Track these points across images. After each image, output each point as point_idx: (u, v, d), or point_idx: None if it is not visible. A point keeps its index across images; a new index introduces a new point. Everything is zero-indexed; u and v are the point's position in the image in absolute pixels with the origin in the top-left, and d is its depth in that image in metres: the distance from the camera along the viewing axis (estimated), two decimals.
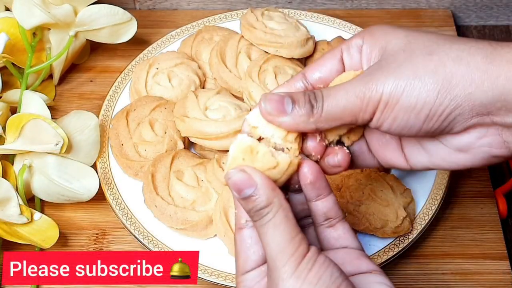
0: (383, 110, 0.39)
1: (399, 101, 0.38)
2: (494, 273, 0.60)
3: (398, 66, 0.39)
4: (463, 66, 0.38)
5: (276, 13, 0.73)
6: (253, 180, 0.37)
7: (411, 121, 0.39)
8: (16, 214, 0.57)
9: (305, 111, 0.39)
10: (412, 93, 0.38)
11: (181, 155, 0.63)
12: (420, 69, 0.38)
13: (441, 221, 0.64)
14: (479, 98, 0.37)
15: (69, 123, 0.62)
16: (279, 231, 0.37)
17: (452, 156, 0.41)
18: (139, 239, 0.59)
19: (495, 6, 0.83)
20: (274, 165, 0.38)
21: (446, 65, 0.38)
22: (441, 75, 0.38)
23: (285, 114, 0.39)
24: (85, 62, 0.77)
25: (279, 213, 0.37)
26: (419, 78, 0.38)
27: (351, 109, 0.39)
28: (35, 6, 0.65)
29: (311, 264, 0.36)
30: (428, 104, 0.38)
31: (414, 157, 0.43)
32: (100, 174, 0.63)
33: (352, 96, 0.39)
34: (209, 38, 0.73)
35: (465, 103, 0.38)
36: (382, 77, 0.39)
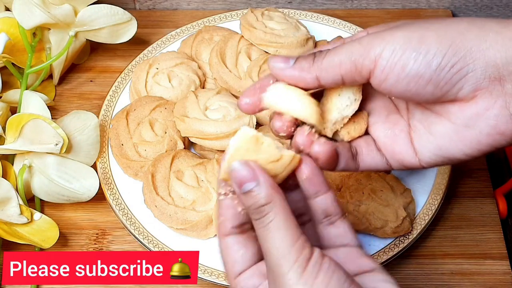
0: (390, 57, 0.37)
1: (408, 48, 0.37)
2: (494, 273, 0.60)
3: (408, 24, 0.38)
4: (477, 27, 0.37)
5: (276, 13, 0.73)
6: (256, 175, 0.37)
7: (421, 69, 0.37)
8: (16, 214, 0.57)
9: (307, 60, 0.39)
10: (424, 41, 0.36)
11: (181, 155, 0.63)
12: (433, 24, 0.37)
13: (441, 221, 0.64)
14: (493, 55, 0.36)
15: (69, 123, 0.62)
16: (281, 234, 0.36)
17: (459, 134, 0.39)
18: (139, 239, 0.59)
19: (495, 6, 0.83)
20: (278, 157, 0.38)
21: (460, 24, 0.37)
22: (454, 28, 0.37)
23: (288, 66, 0.40)
24: (85, 62, 0.77)
25: (280, 214, 0.36)
26: (431, 30, 0.37)
27: (351, 55, 0.38)
28: (35, 6, 0.65)
29: (317, 269, 0.35)
30: (441, 52, 0.36)
31: (423, 145, 0.42)
32: (100, 174, 0.63)
33: (356, 44, 0.38)
34: (209, 38, 0.73)
35: (479, 58, 0.36)
36: (391, 31, 0.38)
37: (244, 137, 0.37)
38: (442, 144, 0.41)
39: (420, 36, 0.37)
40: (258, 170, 0.37)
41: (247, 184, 0.37)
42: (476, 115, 0.38)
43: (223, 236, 0.40)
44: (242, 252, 0.39)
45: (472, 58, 0.36)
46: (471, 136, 0.39)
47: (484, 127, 0.38)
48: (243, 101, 0.42)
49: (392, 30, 0.38)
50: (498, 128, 0.38)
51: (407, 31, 0.37)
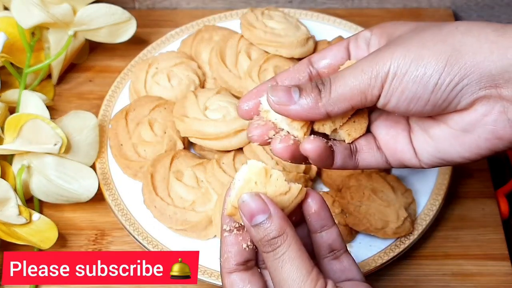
0: (391, 82, 0.38)
1: (407, 71, 0.37)
2: (495, 274, 0.60)
3: (406, 40, 0.39)
4: (473, 37, 0.37)
5: (276, 12, 0.73)
6: (267, 207, 0.37)
7: (419, 91, 0.38)
8: (15, 214, 0.57)
9: (313, 96, 0.39)
10: (421, 62, 0.37)
11: (181, 156, 0.63)
12: (429, 40, 0.38)
13: (442, 222, 0.63)
14: (487, 67, 0.37)
15: (68, 123, 0.62)
16: (295, 265, 0.36)
17: (458, 139, 0.40)
18: (139, 240, 0.59)
19: (496, 5, 0.83)
20: (286, 190, 0.38)
21: (456, 36, 0.37)
22: (450, 44, 0.37)
23: (293, 103, 0.39)
24: (84, 61, 0.77)
25: (293, 245, 0.36)
26: (428, 48, 0.37)
27: (359, 87, 0.38)
28: (33, 5, 0.64)
29: None
30: (437, 73, 0.37)
31: (422, 147, 0.42)
32: (99, 175, 0.63)
33: (359, 73, 0.38)
34: (209, 37, 0.73)
35: (474, 72, 0.37)
36: (389, 50, 0.38)
37: (253, 169, 0.37)
38: (441, 148, 0.41)
39: (417, 56, 0.38)
40: (269, 202, 0.37)
41: (258, 216, 0.37)
42: (474, 121, 0.39)
43: (227, 274, 0.40)
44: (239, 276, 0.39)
45: (467, 73, 0.37)
46: (470, 140, 0.39)
47: (482, 132, 0.39)
48: (243, 106, 0.42)
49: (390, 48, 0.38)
50: (496, 133, 0.38)
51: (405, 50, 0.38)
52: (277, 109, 0.39)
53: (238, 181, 0.38)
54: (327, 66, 0.43)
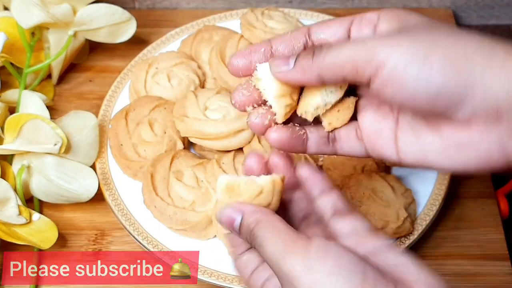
0: (391, 72, 0.36)
1: (411, 67, 0.36)
2: (495, 274, 0.60)
3: (417, 33, 0.37)
4: (484, 54, 0.36)
5: (276, 12, 0.73)
6: (239, 210, 0.39)
7: (419, 90, 0.36)
8: (15, 214, 0.57)
9: (307, 59, 0.38)
10: (428, 61, 0.35)
11: (181, 155, 0.63)
12: (441, 40, 0.36)
13: (442, 222, 0.63)
14: (494, 88, 0.35)
15: (68, 123, 0.62)
16: (272, 241, 0.36)
17: (447, 153, 0.39)
18: (139, 240, 0.59)
19: (496, 5, 0.83)
20: (259, 190, 0.39)
21: (467, 45, 0.36)
22: (461, 51, 0.36)
23: (289, 67, 0.39)
24: (84, 61, 0.77)
25: (268, 227, 0.37)
26: (438, 48, 0.36)
27: (353, 58, 0.37)
28: (33, 5, 0.64)
29: (323, 254, 0.35)
30: (441, 76, 0.35)
31: (407, 147, 0.41)
32: (99, 175, 0.63)
33: (359, 45, 0.37)
34: (209, 37, 0.73)
35: (479, 89, 0.35)
36: (397, 37, 0.36)
37: (221, 187, 0.39)
38: (427, 155, 0.40)
39: (426, 53, 0.36)
40: (239, 204, 0.39)
41: (235, 221, 0.39)
42: (467, 142, 0.38)
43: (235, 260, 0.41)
44: (247, 255, 0.40)
45: (472, 88, 0.35)
46: (459, 157, 0.38)
47: (473, 156, 0.38)
48: (235, 61, 0.42)
49: (399, 37, 0.37)
50: (488, 159, 0.37)
51: (414, 42, 0.36)
52: (278, 77, 0.40)
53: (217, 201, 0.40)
54: (323, 40, 0.42)
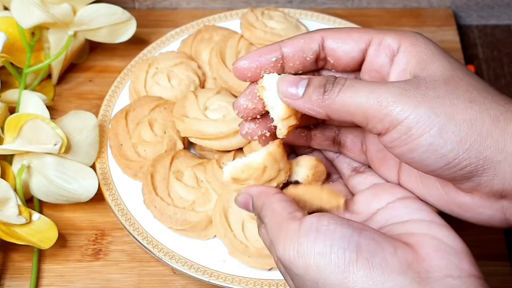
0: (403, 135, 0.35)
1: (425, 135, 0.34)
2: (495, 274, 0.60)
3: (436, 97, 0.35)
4: (499, 131, 0.35)
5: (276, 12, 0.73)
6: (248, 194, 0.41)
7: (429, 161, 0.35)
8: (15, 214, 0.57)
9: (318, 92, 0.37)
10: (444, 134, 0.34)
11: (181, 156, 0.63)
12: (459, 113, 0.35)
13: None
14: (504, 170, 0.35)
15: (68, 123, 0.62)
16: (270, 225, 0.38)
17: (450, 207, 0.39)
18: (139, 240, 0.59)
19: (496, 5, 0.83)
20: (262, 167, 0.40)
21: (485, 121, 0.35)
22: (477, 129, 0.35)
23: (297, 97, 0.38)
24: (84, 61, 0.77)
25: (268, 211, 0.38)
26: (455, 122, 0.34)
27: (365, 110, 0.35)
28: (33, 5, 0.64)
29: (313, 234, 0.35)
30: (455, 153, 0.34)
31: (408, 183, 0.41)
32: (99, 175, 0.63)
33: (374, 98, 0.35)
34: (209, 37, 0.73)
35: (490, 170, 0.35)
36: (416, 99, 0.35)
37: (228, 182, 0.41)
38: (428, 198, 0.40)
39: (442, 127, 0.34)
40: (247, 189, 0.41)
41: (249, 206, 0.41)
42: (469, 206, 0.38)
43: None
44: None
45: (484, 168, 0.35)
46: (461, 215, 0.39)
47: (476, 218, 0.38)
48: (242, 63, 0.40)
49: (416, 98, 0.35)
50: (489, 223, 0.38)
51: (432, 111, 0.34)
52: (285, 100, 0.38)
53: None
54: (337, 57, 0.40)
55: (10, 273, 0.60)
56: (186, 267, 0.57)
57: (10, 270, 0.61)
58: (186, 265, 0.57)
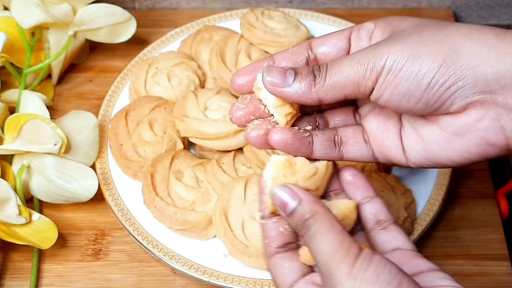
0: (386, 76, 0.38)
1: (403, 67, 0.37)
2: (495, 274, 0.60)
3: (406, 36, 0.38)
4: (472, 40, 0.37)
5: (276, 12, 0.73)
6: (296, 194, 0.39)
7: (412, 88, 0.38)
8: (15, 214, 0.57)
9: (307, 81, 0.39)
10: (417, 59, 0.37)
11: (181, 156, 0.63)
12: (429, 38, 0.38)
13: (442, 222, 0.63)
14: (484, 72, 0.36)
15: (68, 123, 0.62)
16: (326, 239, 0.36)
17: (448, 142, 0.40)
18: (139, 240, 0.59)
19: (496, 5, 0.83)
20: (314, 171, 0.40)
21: (455, 37, 0.37)
22: (448, 45, 0.37)
23: (287, 85, 0.39)
24: (84, 61, 0.77)
25: (324, 222, 0.37)
26: (426, 45, 0.37)
27: (353, 77, 0.38)
28: (33, 5, 0.64)
29: (366, 263, 0.35)
30: (431, 72, 0.37)
31: (411, 145, 0.42)
32: (99, 175, 0.63)
33: (356, 63, 0.38)
34: (209, 37, 0.73)
35: (469, 75, 0.37)
36: (388, 44, 0.38)
37: (277, 164, 0.39)
38: (430, 148, 0.41)
39: (415, 52, 0.37)
40: (297, 189, 0.39)
41: (290, 204, 0.38)
42: (466, 125, 0.39)
43: (269, 257, 0.41)
44: (289, 264, 0.40)
45: (462, 75, 0.37)
46: (460, 144, 0.39)
47: (474, 137, 0.39)
48: (237, 80, 0.42)
49: (389, 42, 0.38)
50: (488, 139, 0.38)
51: (404, 44, 0.38)
52: (271, 89, 0.40)
53: (268, 179, 0.40)
54: (326, 53, 0.43)
55: (10, 273, 0.60)
56: (186, 267, 0.57)
57: (10, 270, 0.61)
58: (186, 265, 0.57)
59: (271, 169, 0.39)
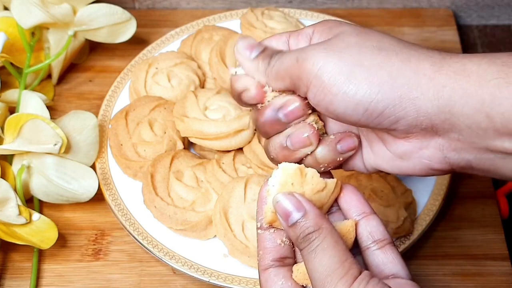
0: (319, 87, 0.36)
1: (337, 85, 0.36)
2: (495, 274, 0.60)
3: (345, 47, 0.37)
4: (411, 70, 0.36)
5: (276, 12, 0.73)
6: (302, 205, 0.37)
7: (349, 110, 0.36)
8: (15, 214, 0.57)
9: (264, 61, 0.39)
10: (353, 80, 0.35)
11: (181, 156, 0.63)
12: (367, 59, 0.36)
13: (442, 222, 0.63)
14: (424, 105, 0.35)
15: (68, 123, 0.62)
16: (328, 255, 0.35)
17: (394, 162, 0.39)
18: (139, 240, 0.59)
19: (496, 5, 0.83)
20: (323, 186, 0.38)
21: (394, 63, 0.36)
22: (387, 70, 0.36)
23: (249, 58, 0.40)
24: (84, 61, 0.77)
25: (328, 238, 0.36)
26: (364, 68, 0.36)
27: (291, 72, 0.38)
28: (33, 5, 0.64)
29: (363, 286, 0.34)
30: (368, 98, 0.35)
31: (365, 156, 0.42)
32: (99, 175, 0.63)
33: (293, 58, 0.38)
34: (209, 37, 0.73)
35: (409, 107, 0.35)
36: (325, 51, 0.37)
37: (287, 171, 0.37)
38: (379, 165, 0.41)
39: (352, 71, 0.36)
40: (303, 200, 0.37)
41: (294, 215, 0.36)
42: (410, 152, 0.38)
43: (262, 270, 0.39)
44: (283, 282, 0.39)
45: (402, 106, 0.36)
46: (406, 166, 0.39)
47: (417, 163, 0.38)
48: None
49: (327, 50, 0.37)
50: (432, 166, 0.38)
51: (342, 59, 0.36)
52: (237, 56, 0.40)
53: (273, 186, 0.38)
54: None
55: (10, 273, 0.60)
56: (186, 267, 0.57)
57: (10, 270, 0.61)
58: (186, 265, 0.57)
59: (280, 174, 0.38)
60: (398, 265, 0.39)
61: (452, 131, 0.36)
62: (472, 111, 0.34)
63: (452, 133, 0.36)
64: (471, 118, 0.34)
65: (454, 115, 0.35)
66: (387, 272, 0.39)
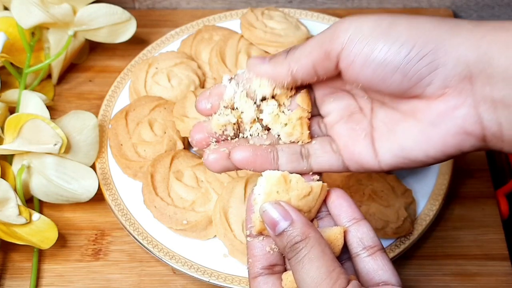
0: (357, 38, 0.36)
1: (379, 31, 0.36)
2: (495, 274, 0.60)
3: (380, 14, 0.38)
4: (450, 24, 0.36)
5: (276, 12, 0.73)
6: (289, 214, 0.37)
7: (389, 57, 0.36)
8: (15, 214, 0.57)
9: (281, 54, 0.40)
10: (396, 27, 0.36)
11: (181, 156, 0.63)
12: (403, 18, 0.36)
13: (442, 222, 0.63)
14: (464, 52, 0.35)
15: (68, 123, 0.62)
16: (315, 266, 0.35)
17: (424, 134, 0.38)
18: (139, 240, 0.59)
19: (496, 5, 0.83)
20: (309, 191, 0.38)
21: (432, 19, 0.36)
22: (427, 22, 0.36)
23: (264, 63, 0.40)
24: (84, 61, 0.77)
25: (315, 248, 0.36)
26: (403, 18, 0.36)
27: (320, 39, 0.38)
28: (33, 5, 0.64)
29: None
30: (411, 42, 0.35)
31: (385, 146, 0.40)
32: (99, 175, 0.63)
33: (325, 31, 0.38)
34: (209, 37, 0.73)
35: (451, 52, 0.35)
36: (360, 15, 0.37)
37: (271, 180, 0.38)
38: (405, 144, 0.39)
39: (391, 23, 0.36)
40: (290, 209, 0.37)
41: (281, 224, 0.36)
42: (443, 113, 0.37)
43: (252, 278, 0.39)
44: None
45: (444, 51, 0.35)
46: (437, 135, 0.37)
47: (451, 126, 0.37)
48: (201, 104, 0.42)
49: (363, 15, 0.37)
50: (465, 128, 0.36)
51: (378, 16, 0.37)
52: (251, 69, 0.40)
53: (259, 195, 0.38)
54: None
55: (10, 273, 0.60)
56: (186, 267, 0.57)
57: (10, 270, 0.61)
58: (186, 265, 0.57)
59: (264, 184, 0.38)
60: (389, 272, 0.39)
61: (488, 84, 0.35)
62: (509, 61, 0.34)
63: (488, 87, 0.35)
64: (508, 71, 0.34)
65: (492, 65, 0.34)
66: (378, 279, 0.38)
